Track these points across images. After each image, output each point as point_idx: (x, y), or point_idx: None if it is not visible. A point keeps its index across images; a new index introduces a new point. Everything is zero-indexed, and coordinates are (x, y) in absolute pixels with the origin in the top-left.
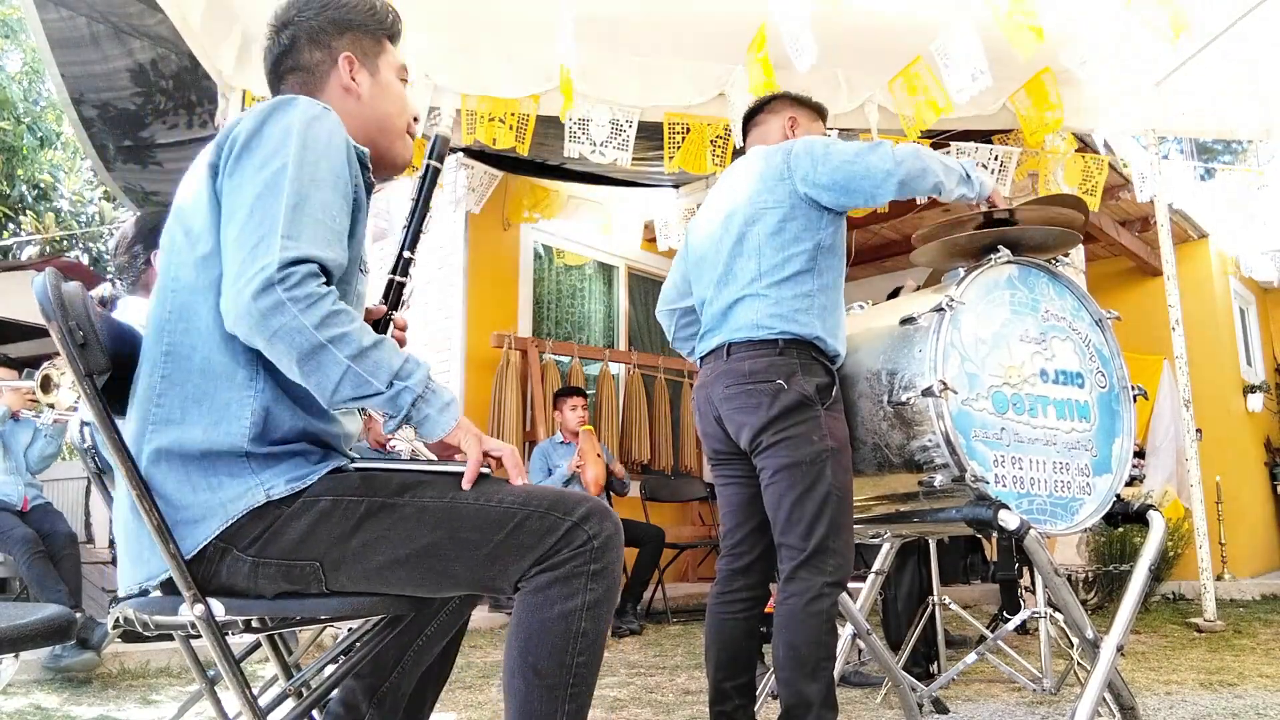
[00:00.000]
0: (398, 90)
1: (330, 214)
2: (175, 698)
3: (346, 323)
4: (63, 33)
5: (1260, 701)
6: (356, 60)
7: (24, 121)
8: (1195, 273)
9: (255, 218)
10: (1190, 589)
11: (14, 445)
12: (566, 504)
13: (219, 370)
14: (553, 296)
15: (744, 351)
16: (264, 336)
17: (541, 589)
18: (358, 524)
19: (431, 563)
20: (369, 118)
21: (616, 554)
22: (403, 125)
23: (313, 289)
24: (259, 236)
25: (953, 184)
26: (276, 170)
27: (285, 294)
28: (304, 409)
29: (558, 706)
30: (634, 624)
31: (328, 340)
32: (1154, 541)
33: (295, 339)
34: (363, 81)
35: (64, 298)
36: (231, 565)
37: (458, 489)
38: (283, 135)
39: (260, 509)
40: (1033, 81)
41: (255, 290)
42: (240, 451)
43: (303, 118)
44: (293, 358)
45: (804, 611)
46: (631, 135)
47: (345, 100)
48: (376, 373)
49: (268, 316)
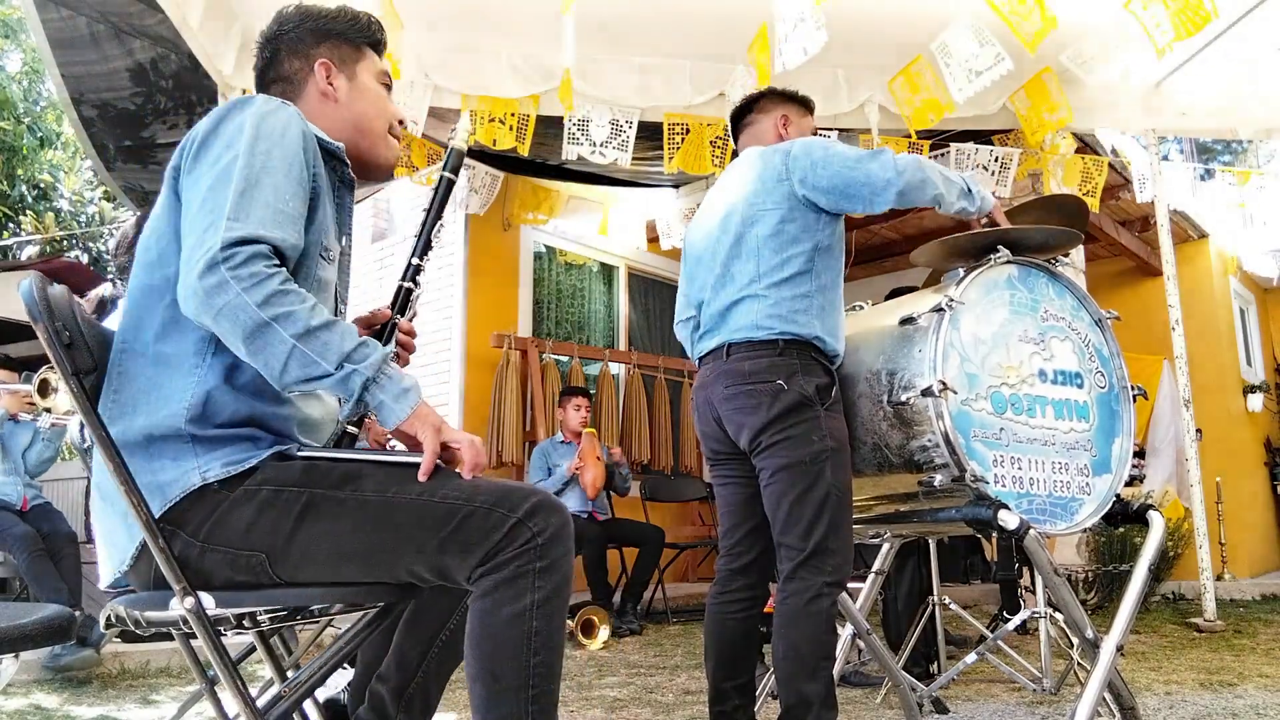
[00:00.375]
0: (376, 94)
1: (282, 198)
2: (175, 698)
3: (295, 302)
4: (63, 33)
5: (1260, 701)
6: (333, 65)
7: (24, 121)
8: (1195, 273)
9: (206, 206)
10: (1190, 589)
11: (13, 446)
12: (511, 499)
13: (168, 360)
14: (553, 296)
15: (743, 352)
16: (209, 315)
17: (489, 592)
18: (300, 516)
19: (380, 556)
20: (347, 119)
21: (564, 548)
22: (382, 127)
23: (259, 268)
24: (209, 222)
25: (953, 197)
26: (229, 162)
27: (229, 272)
28: (250, 394)
29: (522, 708)
30: (634, 624)
31: (271, 318)
32: (1154, 541)
33: (239, 316)
34: (340, 86)
35: (50, 300)
36: (182, 550)
37: (401, 482)
38: (236, 130)
39: (200, 493)
40: (1033, 81)
41: (200, 270)
42: (181, 433)
43: (256, 113)
44: (238, 335)
45: (803, 611)
46: (631, 135)
47: (324, 104)
48: (325, 353)
49: (212, 295)
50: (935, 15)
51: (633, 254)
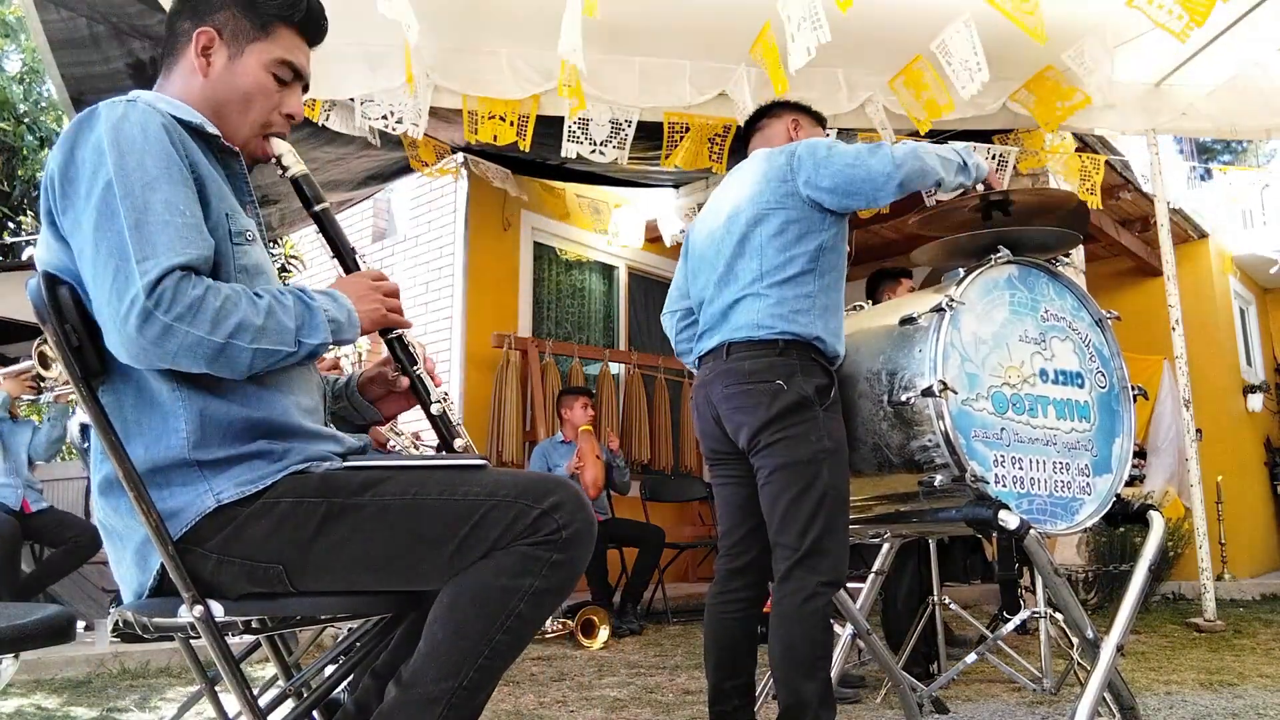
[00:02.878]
0: (256, 82)
1: (176, 209)
2: (175, 698)
3: (235, 311)
4: (63, 33)
5: (1260, 701)
6: (218, 37)
7: (24, 121)
8: (1195, 273)
9: (103, 251)
10: (1190, 589)
11: (14, 445)
12: (536, 491)
13: (149, 388)
14: (553, 296)
15: (744, 351)
16: (166, 361)
17: (495, 560)
18: (319, 527)
19: (397, 563)
20: (208, 99)
21: (583, 550)
22: (246, 120)
23: (190, 297)
24: (113, 269)
25: (951, 175)
26: (103, 191)
27: (166, 316)
28: (240, 397)
29: (463, 669)
30: (634, 624)
31: (227, 339)
32: (1154, 541)
33: (197, 350)
34: (216, 62)
35: (59, 300)
36: (197, 562)
37: (422, 484)
38: (95, 154)
39: (215, 511)
40: (1037, 77)
41: (136, 324)
42: (187, 461)
43: (107, 126)
44: (199, 364)
45: (799, 611)
46: (631, 135)
47: (191, 78)
48: (281, 341)
49: (160, 343)
50: (935, 15)
51: (632, 254)
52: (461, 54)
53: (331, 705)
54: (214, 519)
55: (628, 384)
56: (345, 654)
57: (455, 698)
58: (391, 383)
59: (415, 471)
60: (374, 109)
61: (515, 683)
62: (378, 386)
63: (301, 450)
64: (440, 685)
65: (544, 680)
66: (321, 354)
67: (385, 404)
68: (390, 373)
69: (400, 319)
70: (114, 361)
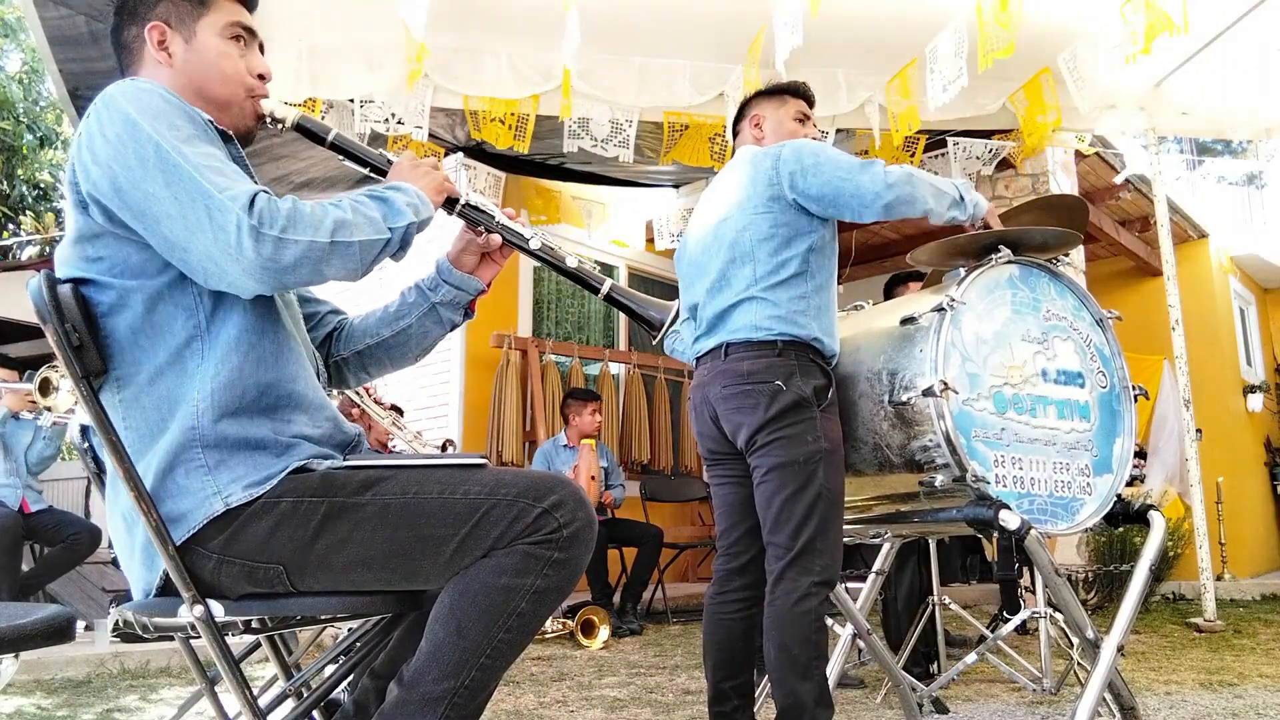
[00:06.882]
0: (220, 52)
1: (218, 160)
2: (175, 698)
3: (327, 213)
4: (62, 30)
5: (1260, 701)
6: (168, 28)
7: (24, 121)
8: (1195, 273)
9: (185, 201)
10: (1190, 589)
11: (14, 445)
12: (537, 490)
13: (165, 370)
14: (553, 296)
15: (742, 352)
16: (289, 276)
17: (496, 560)
18: (319, 527)
19: (397, 562)
20: (186, 86)
21: (585, 547)
22: (230, 91)
23: (285, 209)
24: (203, 209)
25: (943, 208)
26: (155, 152)
27: (273, 231)
28: (254, 360)
29: (465, 668)
30: (634, 624)
31: (331, 238)
32: (1154, 541)
33: (310, 255)
34: (176, 50)
35: (59, 300)
36: (197, 562)
37: (423, 484)
38: (127, 126)
39: (221, 514)
40: (1031, 83)
41: (252, 245)
42: (197, 441)
43: (126, 99)
44: (317, 274)
45: (792, 612)
46: (632, 135)
47: (159, 72)
48: (375, 230)
49: (277, 257)
50: (935, 16)
51: (632, 254)
52: (461, 54)
53: (331, 705)
54: (216, 519)
55: (627, 384)
56: (345, 654)
57: (457, 697)
58: (483, 245)
59: (415, 471)
60: (375, 110)
61: (515, 683)
62: (469, 257)
63: (302, 448)
64: (442, 685)
65: (544, 680)
66: (411, 239)
67: (480, 271)
68: (476, 239)
69: (454, 186)
70: (121, 356)
